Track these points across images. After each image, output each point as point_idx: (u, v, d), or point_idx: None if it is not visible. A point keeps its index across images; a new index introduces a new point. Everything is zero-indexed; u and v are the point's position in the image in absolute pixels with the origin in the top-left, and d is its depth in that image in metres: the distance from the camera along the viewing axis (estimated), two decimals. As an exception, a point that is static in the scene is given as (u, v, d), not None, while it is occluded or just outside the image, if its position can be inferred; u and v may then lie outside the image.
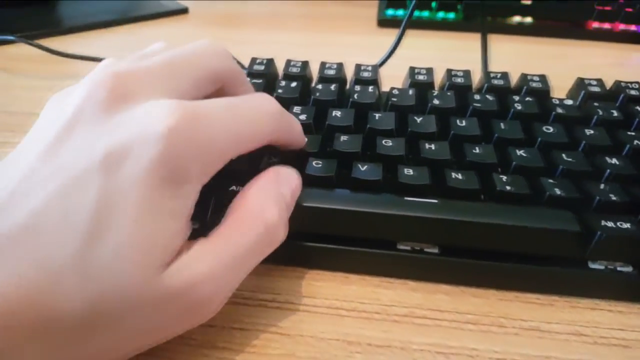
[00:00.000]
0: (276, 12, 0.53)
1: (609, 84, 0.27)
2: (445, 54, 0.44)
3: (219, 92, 0.19)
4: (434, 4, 0.49)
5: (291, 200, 0.18)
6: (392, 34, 0.48)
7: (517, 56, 0.45)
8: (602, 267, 0.20)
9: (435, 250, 0.20)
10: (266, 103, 0.18)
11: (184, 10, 0.50)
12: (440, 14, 0.49)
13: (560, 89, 0.28)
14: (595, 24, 0.48)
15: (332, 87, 0.26)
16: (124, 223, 0.14)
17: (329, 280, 0.20)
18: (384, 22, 0.49)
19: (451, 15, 0.49)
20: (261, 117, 0.18)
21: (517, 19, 0.48)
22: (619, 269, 0.20)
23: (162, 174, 0.15)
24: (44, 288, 0.13)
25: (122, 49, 0.42)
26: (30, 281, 0.13)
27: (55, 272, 0.13)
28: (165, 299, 0.14)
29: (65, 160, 0.15)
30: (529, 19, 0.49)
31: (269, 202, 0.17)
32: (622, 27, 0.47)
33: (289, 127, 0.20)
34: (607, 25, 0.47)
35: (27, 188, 0.14)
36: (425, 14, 0.49)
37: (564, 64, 0.43)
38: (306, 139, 0.22)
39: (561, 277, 0.20)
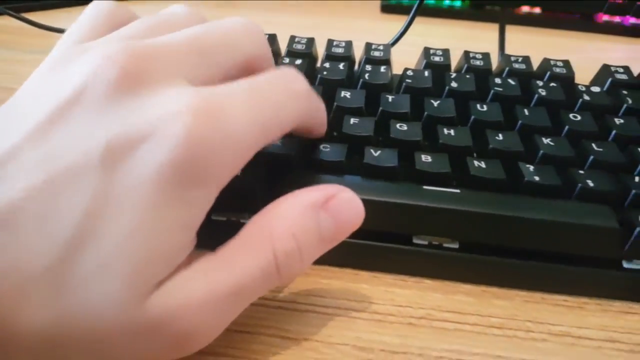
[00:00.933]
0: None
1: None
2: (453, 42, 0.42)
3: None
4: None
5: (335, 236, 0.15)
6: (395, 20, 0.46)
7: (527, 47, 0.42)
8: (638, 267, 0.18)
9: (455, 246, 0.18)
10: (293, 81, 0.16)
11: (178, -11, 0.47)
12: (447, 2, 0.47)
13: (579, 81, 0.26)
14: (606, 17, 0.46)
15: (341, 65, 0.24)
16: (118, 230, 0.12)
17: (336, 277, 0.18)
18: (388, 8, 0.47)
19: (458, 4, 0.47)
20: (288, 99, 0.15)
21: (525, 9, 0.47)
22: (656, 269, 0.18)
23: (175, 176, 0.12)
24: (7, 300, 0.11)
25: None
26: None
27: (23, 283, 0.11)
28: (149, 326, 0.12)
29: (58, 146, 0.12)
30: (537, 10, 0.47)
31: (287, 229, 0.14)
32: (632, 20, 0.46)
33: (316, 110, 0.17)
34: (617, 19, 0.46)
35: (6, 173, 0.12)
36: (432, 1, 0.47)
37: (576, 57, 0.41)
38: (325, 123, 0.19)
39: (593, 278, 0.18)
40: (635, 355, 0.16)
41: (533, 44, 0.43)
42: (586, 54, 0.43)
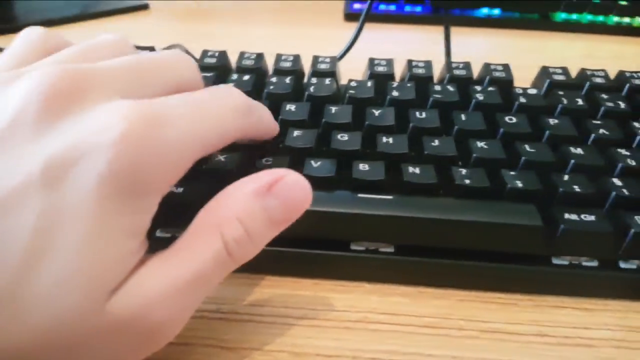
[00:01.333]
0: (240, 7, 0.51)
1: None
2: (413, 47, 0.43)
3: None
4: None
5: (284, 218, 0.15)
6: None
7: (487, 49, 0.44)
8: (566, 263, 0.19)
9: (391, 250, 0.19)
10: (233, 96, 0.16)
11: (144, 6, 0.48)
12: (407, 7, 0.48)
13: (530, 81, 0.27)
14: (564, 16, 0.47)
15: (287, 79, 0.25)
16: (68, 245, 0.12)
17: (278, 286, 0.19)
18: (351, 16, 0.48)
19: (418, 9, 0.48)
20: (227, 112, 0.16)
21: (484, 11, 0.48)
22: (584, 264, 0.19)
23: (116, 185, 0.13)
24: None
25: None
26: None
27: None
28: (116, 328, 0.13)
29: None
30: (497, 11, 0.48)
31: (234, 215, 0.14)
32: (589, 17, 0.47)
33: (257, 120, 0.18)
34: (575, 17, 0.47)
35: None
36: (392, 7, 0.48)
37: (534, 57, 0.43)
38: (277, 127, 0.19)
39: (524, 275, 0.19)
40: (564, 347, 0.17)
41: (492, 46, 0.45)
42: (545, 54, 0.44)
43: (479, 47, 0.45)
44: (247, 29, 0.45)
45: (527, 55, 0.43)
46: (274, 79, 0.25)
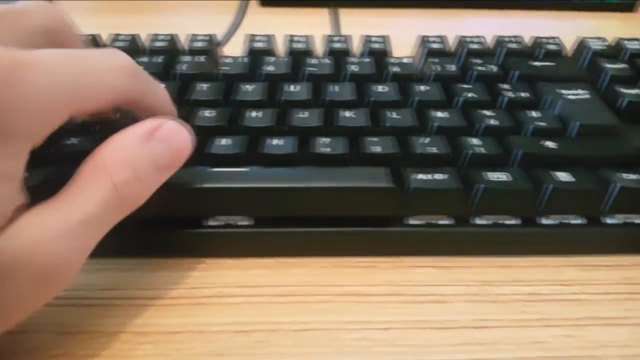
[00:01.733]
0: (161, 2, 0.49)
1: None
2: (322, 30, 0.43)
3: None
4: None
5: (170, 161, 0.16)
6: (273, 13, 0.47)
7: (405, 31, 0.44)
8: (421, 222, 0.19)
9: (250, 223, 0.19)
10: (118, 56, 0.16)
11: None
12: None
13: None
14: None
15: (160, 59, 0.24)
16: None
17: (133, 269, 0.18)
18: (266, 2, 0.47)
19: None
20: (110, 70, 0.16)
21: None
22: (439, 222, 0.19)
23: None
24: None
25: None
26: None
27: None
28: (8, 267, 0.13)
29: None
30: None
31: (122, 159, 0.15)
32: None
33: (146, 87, 0.17)
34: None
35: None
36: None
37: (449, 35, 0.43)
38: (175, 109, 0.19)
39: (381, 238, 0.19)
40: (416, 305, 0.17)
41: (407, 26, 0.45)
42: (460, 31, 0.45)
43: (397, 28, 0.45)
44: (165, 19, 0.43)
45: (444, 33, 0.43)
46: (144, 59, 0.24)
